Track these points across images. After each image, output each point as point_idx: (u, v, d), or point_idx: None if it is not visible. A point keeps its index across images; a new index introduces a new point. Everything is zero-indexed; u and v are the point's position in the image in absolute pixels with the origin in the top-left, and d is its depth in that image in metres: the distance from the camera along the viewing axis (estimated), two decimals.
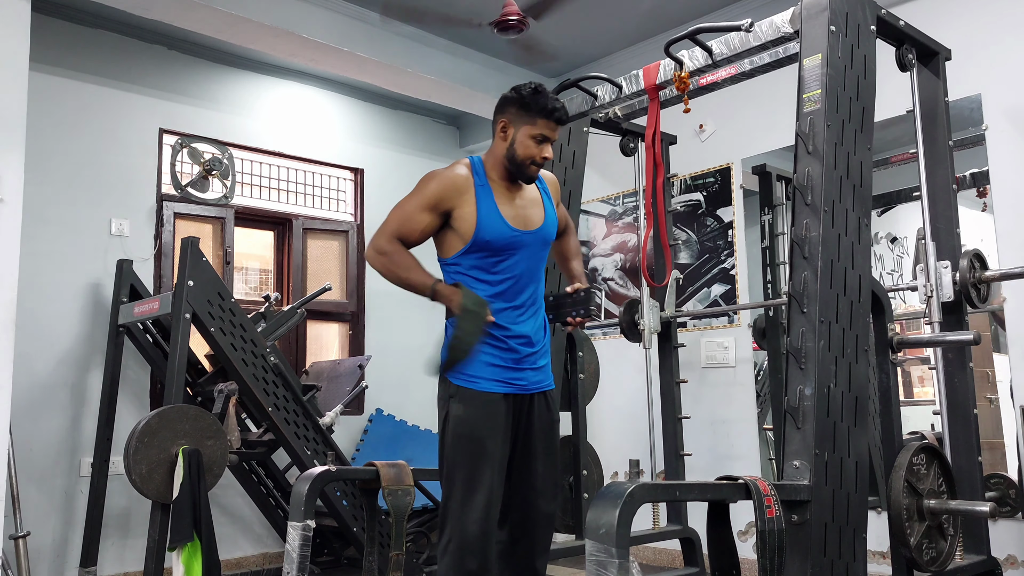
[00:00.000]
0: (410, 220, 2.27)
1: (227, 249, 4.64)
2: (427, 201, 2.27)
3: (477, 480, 2.17)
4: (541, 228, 2.35)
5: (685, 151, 4.36)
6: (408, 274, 2.26)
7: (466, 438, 2.20)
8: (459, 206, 2.26)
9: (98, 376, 4.05)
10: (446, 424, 2.25)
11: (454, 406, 2.23)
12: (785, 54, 2.76)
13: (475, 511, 2.15)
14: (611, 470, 4.51)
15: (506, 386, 2.26)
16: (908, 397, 3.84)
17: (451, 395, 2.25)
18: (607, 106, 3.07)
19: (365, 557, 2.69)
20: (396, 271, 2.26)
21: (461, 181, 2.28)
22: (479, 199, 2.27)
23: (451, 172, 2.31)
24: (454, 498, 2.19)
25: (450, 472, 2.21)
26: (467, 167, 2.32)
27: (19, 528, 3.47)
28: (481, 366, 2.24)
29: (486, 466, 2.18)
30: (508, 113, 2.30)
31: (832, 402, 2.02)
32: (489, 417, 2.22)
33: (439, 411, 2.30)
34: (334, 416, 3.99)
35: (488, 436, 2.21)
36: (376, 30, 4.38)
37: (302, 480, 2.47)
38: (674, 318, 3.67)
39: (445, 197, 2.26)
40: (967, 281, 2.57)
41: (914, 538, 2.22)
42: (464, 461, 2.19)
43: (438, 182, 2.28)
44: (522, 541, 2.30)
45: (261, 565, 4.47)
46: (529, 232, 2.32)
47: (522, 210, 2.33)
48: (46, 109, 4.06)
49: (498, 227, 2.26)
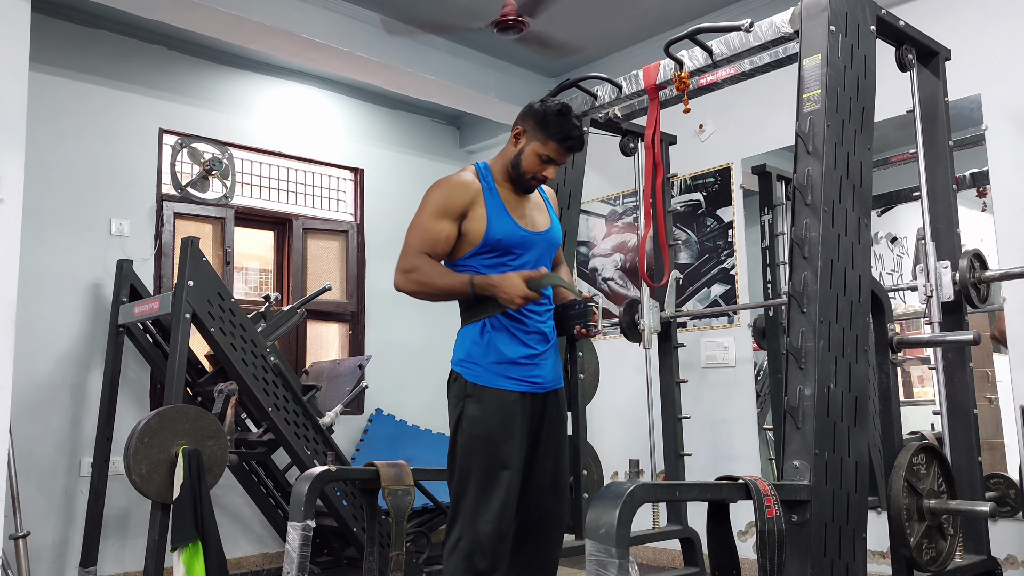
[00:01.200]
0: (429, 232, 2.24)
1: (227, 249, 4.64)
2: (440, 209, 2.25)
3: (493, 482, 2.16)
4: (548, 231, 2.38)
5: (685, 151, 4.36)
6: (442, 280, 2.21)
7: (483, 439, 2.18)
8: (471, 208, 2.26)
9: (98, 376, 4.05)
10: (460, 423, 2.22)
11: (470, 406, 2.21)
12: (785, 54, 2.76)
13: (489, 512, 2.14)
14: (611, 470, 4.51)
15: (524, 384, 2.25)
16: (908, 397, 3.84)
17: (468, 395, 2.22)
18: (607, 106, 3.07)
19: (365, 557, 2.69)
20: (429, 281, 2.21)
21: (469, 185, 2.29)
22: (488, 201, 2.28)
23: (458, 177, 2.32)
24: (467, 497, 2.17)
25: (464, 471, 2.19)
26: (473, 172, 2.34)
27: (19, 528, 3.47)
28: (500, 364, 2.23)
29: (503, 468, 2.17)
30: (527, 123, 2.32)
31: (832, 402, 2.02)
32: (507, 419, 2.20)
33: (451, 409, 2.27)
34: (334, 416, 3.99)
35: (505, 439, 2.19)
36: (376, 30, 4.38)
37: (302, 480, 2.47)
38: (674, 318, 3.67)
39: (457, 201, 2.26)
40: (967, 281, 2.56)
41: (914, 538, 2.22)
42: (480, 462, 2.17)
43: (447, 188, 2.28)
44: (530, 540, 2.29)
45: (261, 565, 4.47)
46: (537, 233, 2.34)
47: (529, 212, 2.36)
48: (46, 109, 4.06)
49: (509, 227, 2.27)
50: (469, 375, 2.24)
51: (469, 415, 2.21)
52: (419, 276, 2.21)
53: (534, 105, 2.32)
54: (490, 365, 2.23)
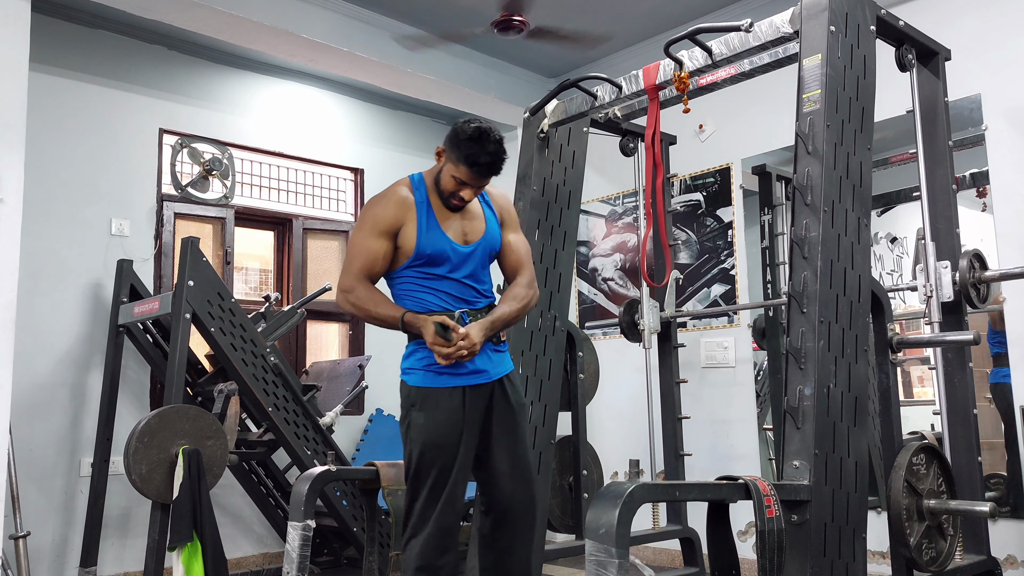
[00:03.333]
0: (367, 252, 2.34)
1: (227, 249, 4.64)
2: (375, 227, 2.34)
3: (440, 483, 2.27)
4: (481, 240, 2.41)
5: (685, 151, 4.36)
6: (376, 309, 2.33)
7: (429, 445, 2.29)
8: (404, 223, 2.33)
9: (98, 376, 4.05)
10: (408, 432, 2.33)
11: (414, 414, 2.32)
12: (785, 54, 2.76)
13: (436, 510, 2.26)
14: (611, 470, 4.51)
15: (462, 378, 2.32)
16: (908, 397, 3.84)
17: (412, 403, 2.33)
18: (607, 106, 3.07)
19: (365, 557, 2.69)
20: (364, 307, 2.33)
21: (402, 199, 2.36)
22: (419, 215, 2.34)
23: (391, 192, 2.38)
24: (417, 498, 2.29)
25: (415, 478, 2.31)
26: (407, 185, 2.40)
27: (19, 528, 3.47)
28: (434, 364, 2.31)
29: (447, 469, 2.28)
30: (447, 143, 2.35)
31: (832, 402, 2.02)
32: (451, 423, 2.30)
33: (401, 419, 2.38)
34: (334, 416, 3.99)
35: (450, 443, 2.29)
36: (376, 30, 4.38)
37: (302, 480, 2.47)
38: (674, 318, 3.67)
39: (390, 218, 2.33)
40: (967, 281, 2.56)
41: (914, 538, 2.22)
42: (428, 468, 2.28)
43: (380, 206, 2.36)
44: (502, 527, 2.38)
45: (261, 565, 4.47)
46: (469, 245, 2.38)
47: (463, 223, 2.40)
48: (46, 109, 4.06)
49: (438, 241, 2.34)
50: (411, 380, 2.36)
51: (415, 424, 2.32)
52: (355, 300, 2.34)
53: (456, 125, 2.34)
54: (426, 367, 2.33)
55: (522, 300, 2.42)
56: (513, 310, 2.39)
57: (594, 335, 4.89)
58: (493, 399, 2.39)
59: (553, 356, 3.08)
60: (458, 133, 2.31)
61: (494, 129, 2.33)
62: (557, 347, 3.11)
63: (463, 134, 2.29)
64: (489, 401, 2.38)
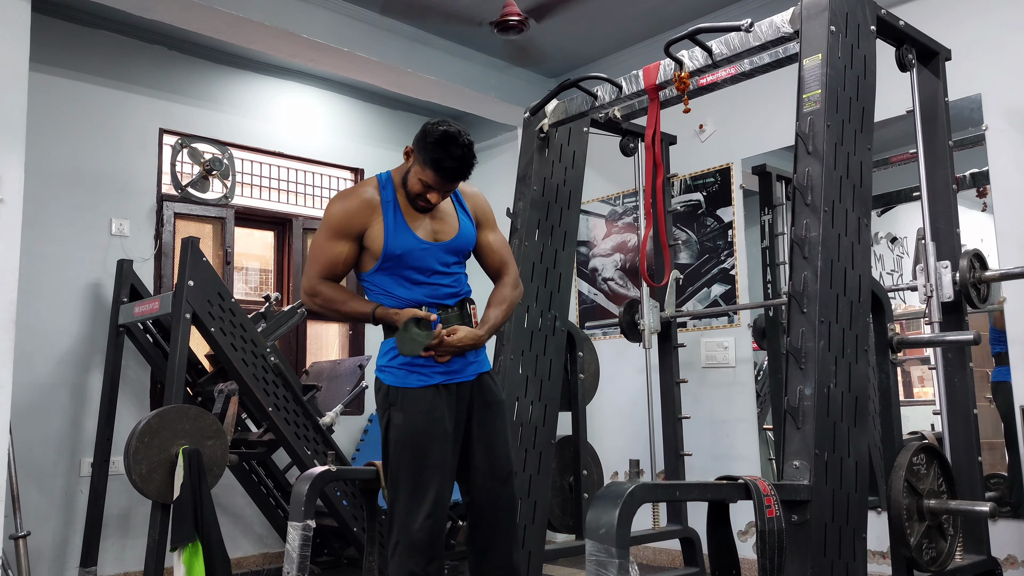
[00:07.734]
0: (325, 254, 2.29)
1: (227, 249, 4.64)
2: (334, 230, 2.29)
3: (422, 486, 2.23)
4: (454, 240, 2.36)
5: (685, 151, 4.36)
6: (344, 307, 2.31)
7: (409, 445, 2.25)
8: (370, 225, 2.28)
9: (98, 376, 4.05)
10: (388, 431, 2.30)
11: (394, 414, 2.28)
12: (785, 54, 2.76)
13: (420, 515, 2.21)
14: (611, 470, 4.51)
15: (439, 376, 2.29)
16: (908, 397, 3.84)
17: (391, 403, 2.29)
18: (607, 106, 3.07)
19: (365, 557, 2.69)
20: (332, 307, 2.31)
21: (366, 200, 2.30)
22: (386, 214, 2.29)
23: (354, 193, 2.33)
24: (400, 502, 2.25)
25: (395, 478, 2.27)
26: (374, 185, 2.34)
27: (19, 528, 3.47)
28: (409, 363, 2.28)
29: (429, 471, 2.24)
30: (415, 144, 2.29)
31: (832, 402, 2.02)
32: (430, 422, 2.26)
33: (380, 418, 2.35)
34: (334, 416, 3.99)
35: (430, 442, 2.25)
36: (376, 30, 4.38)
37: (302, 480, 2.47)
38: (674, 318, 3.67)
39: (354, 221, 2.28)
40: (967, 281, 2.57)
41: (914, 538, 2.22)
42: (408, 468, 2.24)
43: (341, 207, 2.30)
44: (483, 526, 2.36)
45: (261, 565, 4.47)
46: (440, 244, 2.33)
47: (433, 222, 2.35)
48: (46, 109, 4.06)
49: (406, 241, 2.28)
50: (388, 379, 2.31)
51: (394, 424, 2.28)
52: (322, 301, 2.31)
53: (426, 126, 2.27)
54: (402, 365, 2.29)
55: (511, 302, 2.44)
56: (504, 313, 2.41)
57: (594, 335, 4.88)
58: (472, 397, 2.36)
59: (553, 356, 3.08)
60: (426, 135, 2.23)
61: (464, 132, 2.25)
62: (557, 347, 3.11)
63: (430, 136, 2.22)
64: (469, 398, 2.35)
